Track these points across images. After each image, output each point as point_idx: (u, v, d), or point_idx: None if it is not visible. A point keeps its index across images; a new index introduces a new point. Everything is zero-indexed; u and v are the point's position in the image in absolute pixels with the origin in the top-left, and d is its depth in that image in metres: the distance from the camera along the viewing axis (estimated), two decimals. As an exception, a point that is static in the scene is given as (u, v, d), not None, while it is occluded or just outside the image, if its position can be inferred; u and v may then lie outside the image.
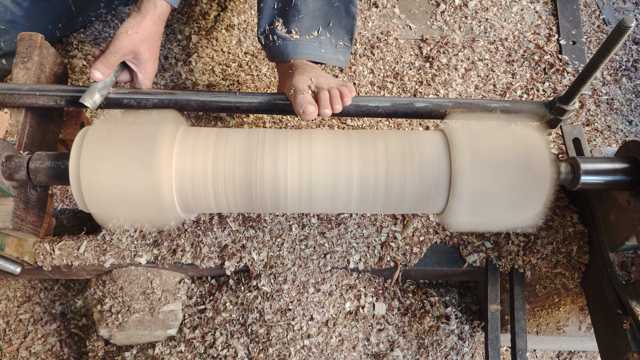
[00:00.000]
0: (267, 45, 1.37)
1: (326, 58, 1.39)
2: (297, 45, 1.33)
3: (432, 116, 1.27)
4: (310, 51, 1.35)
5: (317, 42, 1.36)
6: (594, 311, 1.31)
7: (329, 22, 1.38)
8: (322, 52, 1.37)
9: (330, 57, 1.40)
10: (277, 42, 1.34)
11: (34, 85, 1.20)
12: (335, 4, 1.37)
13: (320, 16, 1.37)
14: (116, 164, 1.01)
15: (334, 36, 1.40)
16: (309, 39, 1.35)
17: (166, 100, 1.24)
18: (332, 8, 1.37)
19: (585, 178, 1.11)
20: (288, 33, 1.33)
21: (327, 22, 1.38)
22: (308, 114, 1.16)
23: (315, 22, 1.36)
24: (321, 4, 1.36)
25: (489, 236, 1.41)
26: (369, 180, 1.07)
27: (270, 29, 1.35)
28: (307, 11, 1.34)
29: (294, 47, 1.33)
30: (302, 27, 1.34)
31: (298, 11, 1.33)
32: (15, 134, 1.19)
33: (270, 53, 1.37)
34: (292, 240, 1.39)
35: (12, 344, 1.65)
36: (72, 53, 1.77)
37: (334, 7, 1.38)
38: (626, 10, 1.98)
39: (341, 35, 1.42)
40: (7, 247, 1.22)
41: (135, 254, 1.36)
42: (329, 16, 1.38)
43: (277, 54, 1.35)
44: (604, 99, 1.76)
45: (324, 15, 1.37)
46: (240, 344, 1.39)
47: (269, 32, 1.35)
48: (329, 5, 1.37)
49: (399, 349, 1.46)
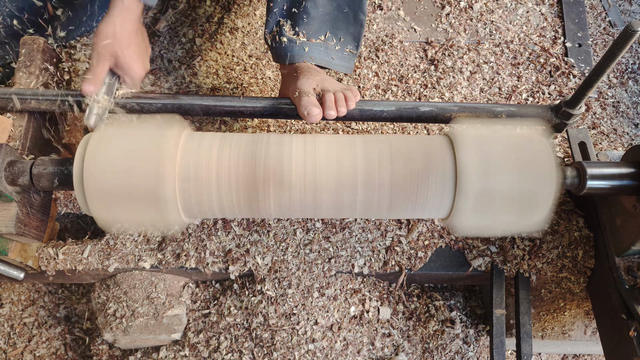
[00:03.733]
0: (274, 46, 1.37)
1: (332, 63, 1.38)
2: (303, 48, 1.33)
3: (437, 120, 1.27)
4: (317, 55, 1.35)
5: (324, 46, 1.36)
6: (599, 315, 1.30)
7: (337, 27, 1.38)
8: (328, 56, 1.37)
9: (336, 63, 1.39)
10: (284, 43, 1.33)
11: (37, 90, 1.20)
12: (344, 10, 1.37)
13: (328, 21, 1.36)
14: (120, 168, 1.01)
15: (341, 42, 1.39)
16: (315, 43, 1.34)
17: (170, 104, 1.24)
18: (341, 14, 1.37)
19: (592, 183, 1.11)
20: (295, 35, 1.33)
21: (335, 27, 1.38)
22: (313, 116, 1.15)
23: (324, 26, 1.36)
24: (331, 8, 1.35)
25: (494, 240, 1.40)
26: (373, 182, 1.06)
27: (277, 30, 1.34)
28: (316, 14, 1.34)
29: (300, 50, 1.33)
30: (310, 30, 1.34)
31: (307, 14, 1.32)
32: (18, 138, 1.19)
33: (276, 54, 1.37)
34: (297, 245, 1.39)
35: (16, 348, 1.65)
36: (76, 56, 1.77)
37: (343, 13, 1.37)
38: (632, 13, 1.97)
39: (348, 42, 1.41)
40: (10, 252, 1.22)
41: (139, 258, 1.35)
42: (337, 22, 1.38)
43: (282, 55, 1.35)
44: (610, 102, 1.75)
45: (333, 21, 1.37)
46: (245, 348, 1.38)
47: (277, 32, 1.34)
48: (338, 10, 1.36)
49: (404, 353, 1.45)
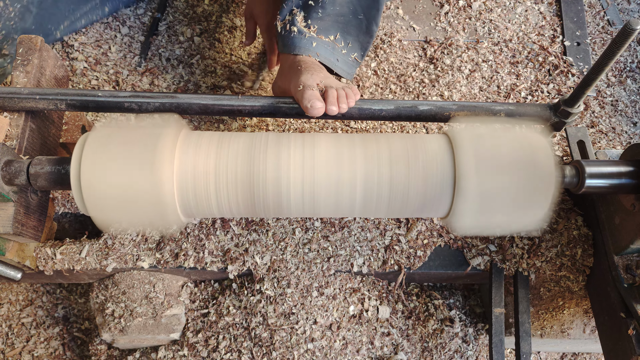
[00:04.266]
0: (282, 34, 1.36)
1: (335, 65, 1.38)
2: (311, 42, 1.33)
3: (436, 119, 1.26)
4: (323, 52, 1.35)
5: (331, 46, 1.36)
6: (598, 314, 1.30)
7: (348, 32, 1.38)
8: (333, 57, 1.37)
9: (339, 66, 1.39)
10: (293, 33, 1.32)
11: (34, 89, 1.19)
12: (359, 16, 1.37)
13: (341, 23, 1.36)
14: (118, 168, 1.01)
15: (348, 47, 1.39)
16: (324, 40, 1.34)
17: (167, 103, 1.23)
18: (355, 19, 1.37)
19: (590, 181, 1.10)
20: (306, 27, 1.32)
21: (346, 31, 1.37)
22: (316, 109, 1.15)
23: (335, 26, 1.36)
24: (347, 10, 1.35)
25: (493, 239, 1.40)
26: (372, 181, 1.06)
27: (289, 19, 1.33)
28: (331, 12, 1.33)
29: (308, 43, 1.33)
30: (322, 26, 1.34)
31: (323, 9, 1.32)
32: (15, 138, 1.18)
33: (283, 42, 1.36)
34: (296, 244, 1.38)
35: (14, 348, 1.64)
36: (73, 55, 1.76)
37: (358, 19, 1.37)
38: (631, 11, 1.97)
39: (355, 49, 1.42)
40: (8, 252, 1.21)
41: (138, 258, 1.35)
42: (350, 26, 1.37)
43: (289, 44, 1.34)
44: (609, 101, 1.75)
45: (345, 24, 1.37)
46: (244, 348, 1.38)
47: (288, 21, 1.33)
48: (353, 15, 1.36)
49: (403, 352, 1.45)
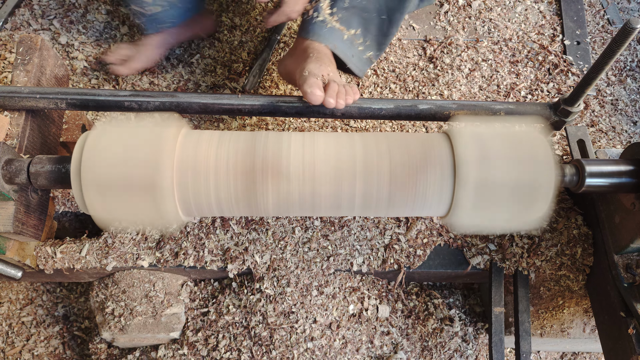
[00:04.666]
0: (305, 18, 1.36)
1: (350, 60, 1.38)
2: (331, 34, 1.33)
3: (436, 118, 1.26)
4: (340, 45, 1.35)
5: (350, 41, 1.36)
6: (598, 313, 1.30)
7: (369, 30, 1.38)
8: (349, 52, 1.37)
9: (354, 62, 1.39)
10: (315, 19, 1.32)
11: (34, 88, 1.19)
12: (382, 16, 1.36)
13: (365, 19, 1.36)
14: (117, 166, 1.01)
15: (366, 45, 1.39)
16: (343, 32, 1.34)
17: (167, 102, 1.23)
18: (378, 18, 1.37)
19: (590, 180, 1.10)
20: (330, 16, 1.32)
21: (367, 29, 1.37)
22: (315, 95, 1.16)
23: (358, 20, 1.36)
24: (372, 7, 1.35)
25: (493, 238, 1.40)
26: (372, 173, 1.06)
27: (314, 5, 1.33)
28: (358, 4, 1.33)
29: (329, 33, 1.33)
30: (345, 16, 1.34)
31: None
32: (16, 137, 1.18)
33: (303, 27, 1.36)
34: (295, 243, 1.38)
35: (14, 347, 1.64)
36: (73, 55, 1.76)
37: (381, 18, 1.37)
38: (631, 10, 1.96)
39: (372, 48, 1.41)
40: (8, 250, 1.21)
41: (138, 257, 1.35)
42: (371, 25, 1.37)
43: (309, 29, 1.34)
44: (609, 100, 1.75)
45: (368, 21, 1.37)
46: (244, 347, 1.38)
47: (313, 7, 1.33)
48: (377, 13, 1.36)
49: (403, 351, 1.45)
